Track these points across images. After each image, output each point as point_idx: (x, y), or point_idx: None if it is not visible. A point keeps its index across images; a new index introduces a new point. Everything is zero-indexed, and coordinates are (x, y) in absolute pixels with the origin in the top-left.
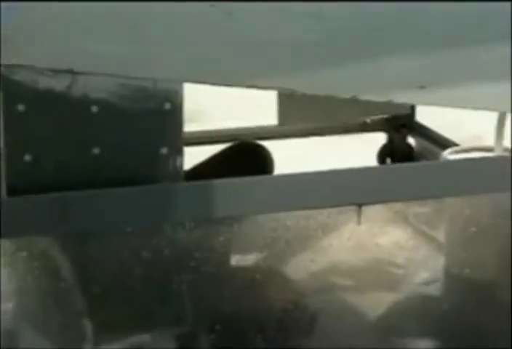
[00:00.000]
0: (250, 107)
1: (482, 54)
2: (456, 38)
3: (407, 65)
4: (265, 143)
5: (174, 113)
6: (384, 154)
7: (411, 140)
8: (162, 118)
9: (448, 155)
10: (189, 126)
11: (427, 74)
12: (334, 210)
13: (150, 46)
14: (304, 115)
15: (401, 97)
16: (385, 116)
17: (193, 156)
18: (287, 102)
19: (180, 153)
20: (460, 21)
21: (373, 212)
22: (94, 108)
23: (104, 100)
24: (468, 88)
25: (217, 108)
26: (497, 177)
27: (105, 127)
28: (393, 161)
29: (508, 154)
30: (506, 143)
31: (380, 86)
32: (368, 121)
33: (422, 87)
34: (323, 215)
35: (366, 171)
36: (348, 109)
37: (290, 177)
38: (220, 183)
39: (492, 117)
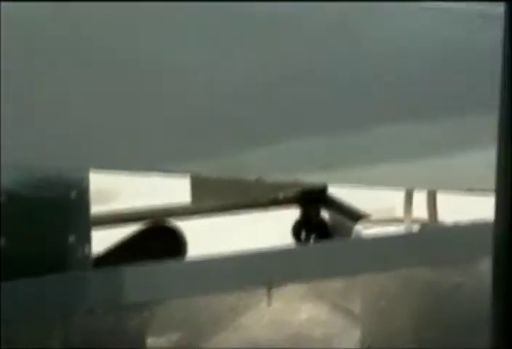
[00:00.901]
0: (162, 184)
1: (383, 134)
2: (356, 118)
3: (309, 145)
4: (179, 221)
5: (81, 200)
6: (298, 228)
7: (325, 213)
8: (68, 206)
9: (360, 228)
10: (98, 207)
11: (329, 154)
12: (246, 291)
13: (50, 136)
14: (217, 192)
15: (307, 177)
16: (297, 191)
17: (106, 237)
18: (200, 179)
19: (88, 240)
20: (359, 102)
21: (287, 288)
22: None
23: (8, 190)
24: (370, 167)
25: (126, 186)
26: (408, 252)
27: (10, 217)
28: (308, 234)
29: (417, 225)
30: (417, 213)
31: (284, 167)
32: (281, 196)
33: (326, 167)
34: (234, 297)
35: (275, 252)
36: (261, 184)
37: (199, 263)
38: (130, 270)
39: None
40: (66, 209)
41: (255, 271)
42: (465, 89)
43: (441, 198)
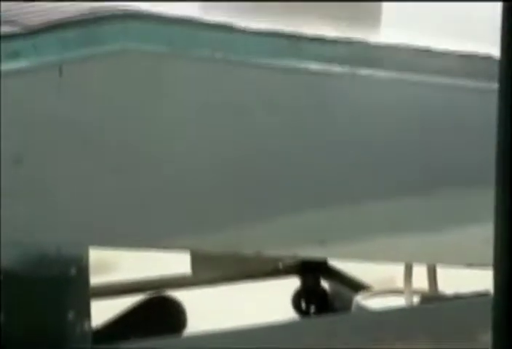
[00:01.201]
0: (162, 255)
1: (381, 209)
2: (354, 193)
3: (307, 220)
4: (179, 291)
5: (80, 277)
6: (298, 298)
7: (325, 283)
8: (68, 283)
9: (360, 298)
10: (98, 278)
11: (327, 229)
12: None
13: (51, 210)
14: (217, 263)
15: (304, 252)
16: (297, 261)
17: (106, 308)
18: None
19: (88, 316)
20: (357, 177)
21: None
22: None
23: (7, 268)
24: (369, 242)
25: (126, 257)
26: (409, 326)
27: (8, 294)
28: (308, 305)
29: (417, 296)
30: (417, 283)
31: (282, 241)
32: (281, 266)
33: (322, 241)
34: None
35: (276, 326)
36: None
37: (200, 338)
38: (129, 347)
39: None
40: (65, 285)
41: (256, 346)
42: (462, 164)
43: (441, 269)
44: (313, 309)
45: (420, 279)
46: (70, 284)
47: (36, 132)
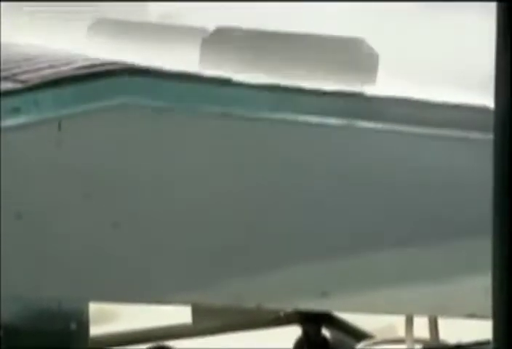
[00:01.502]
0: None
1: (381, 260)
2: (355, 245)
3: (308, 272)
4: (180, 342)
5: (80, 331)
6: (300, 347)
7: (326, 332)
8: (68, 337)
9: (362, 346)
10: (98, 328)
11: (328, 281)
12: None
13: (51, 265)
14: (218, 312)
15: (305, 304)
16: (298, 310)
17: None
18: None
19: None
20: (357, 228)
21: None
22: None
23: (8, 323)
24: (370, 294)
25: (126, 307)
26: None
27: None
28: None
29: (419, 345)
30: (418, 332)
31: (283, 294)
32: (282, 314)
33: (325, 293)
34: None
35: None
36: None
37: None
38: None
39: None
40: (66, 340)
41: None
42: (461, 215)
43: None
44: None
45: (422, 327)
46: (70, 338)
47: (36, 187)
